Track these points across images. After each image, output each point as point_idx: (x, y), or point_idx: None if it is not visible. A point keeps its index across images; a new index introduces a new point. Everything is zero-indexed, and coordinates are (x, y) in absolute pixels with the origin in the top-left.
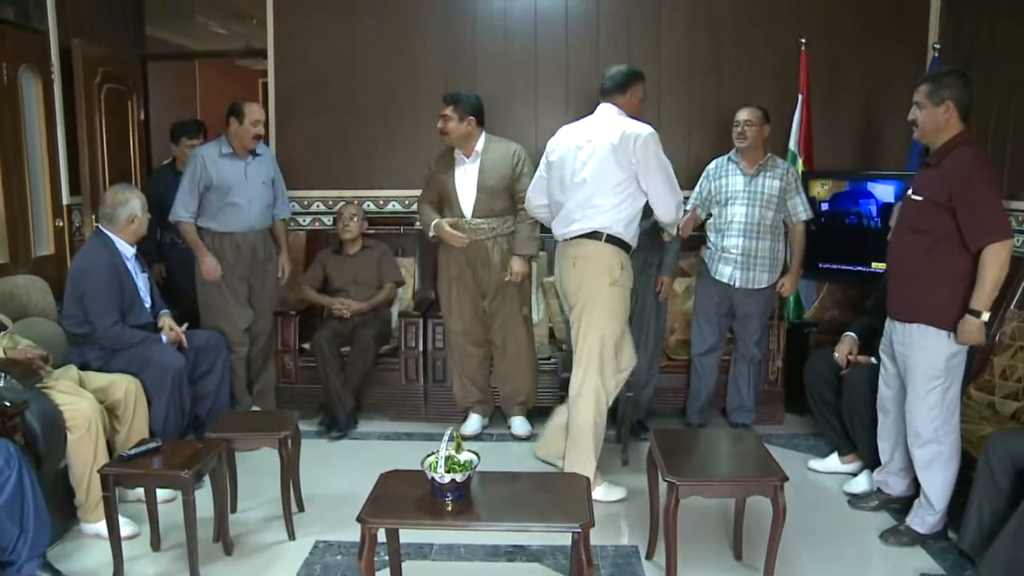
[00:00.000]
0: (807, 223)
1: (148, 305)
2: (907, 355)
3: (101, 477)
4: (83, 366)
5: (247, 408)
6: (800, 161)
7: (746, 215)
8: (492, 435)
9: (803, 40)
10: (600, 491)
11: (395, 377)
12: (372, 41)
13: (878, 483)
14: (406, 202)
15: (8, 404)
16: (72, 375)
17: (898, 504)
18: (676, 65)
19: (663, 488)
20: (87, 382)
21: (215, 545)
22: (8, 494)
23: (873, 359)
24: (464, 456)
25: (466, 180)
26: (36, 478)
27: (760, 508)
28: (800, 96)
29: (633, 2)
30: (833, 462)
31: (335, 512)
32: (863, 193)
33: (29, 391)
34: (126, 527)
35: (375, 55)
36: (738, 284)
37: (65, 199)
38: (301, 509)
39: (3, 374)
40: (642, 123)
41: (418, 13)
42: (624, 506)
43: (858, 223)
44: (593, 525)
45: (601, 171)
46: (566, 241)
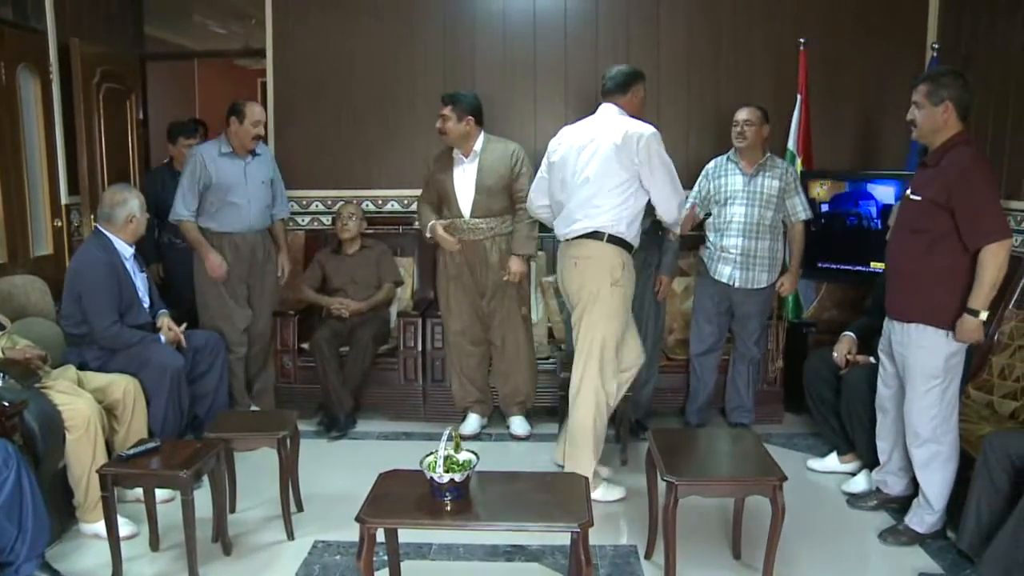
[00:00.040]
0: (806, 223)
1: (146, 305)
2: (906, 355)
3: (100, 477)
4: (82, 366)
5: (246, 408)
6: (799, 161)
7: (745, 215)
8: (491, 435)
9: (802, 40)
10: (599, 491)
11: (394, 377)
12: (371, 41)
13: (877, 482)
14: (405, 202)
15: (7, 404)
16: (71, 375)
17: (897, 504)
18: (675, 65)
19: (662, 488)
20: (86, 382)
21: (214, 545)
22: (7, 494)
23: (872, 359)
24: (463, 456)
25: (464, 180)
26: (35, 478)
27: (759, 508)
28: (799, 96)
29: (632, 2)
30: (832, 462)
31: (334, 512)
32: (863, 194)
33: (28, 391)
34: (125, 527)
35: (374, 55)
36: (737, 284)
37: (63, 199)
38: (300, 509)
39: (2, 374)
40: (644, 123)
41: (417, 13)
42: (623, 506)
43: (858, 224)
44: (592, 525)
45: (604, 171)
46: (568, 241)
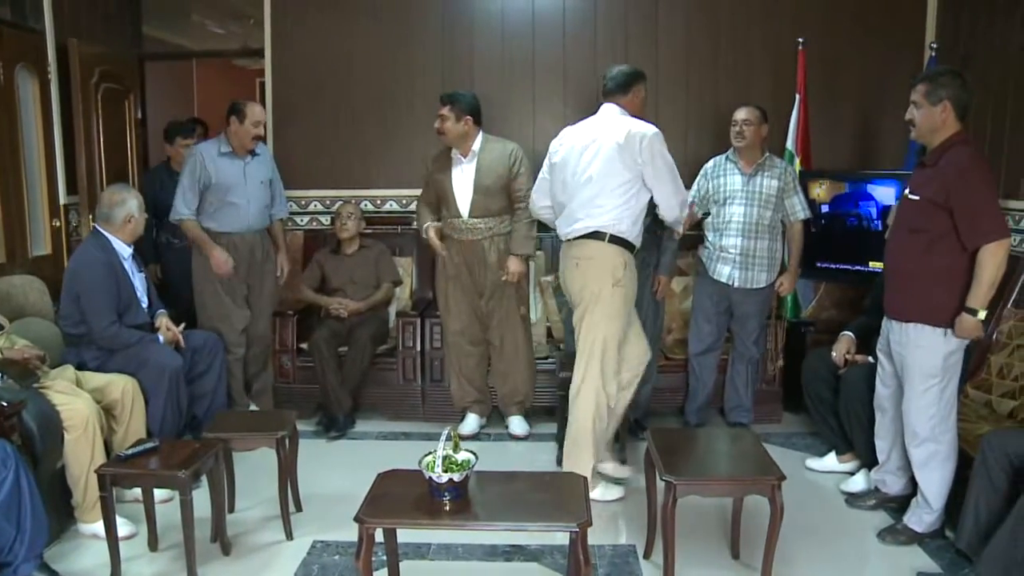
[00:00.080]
0: (805, 223)
1: (145, 305)
2: (904, 354)
3: (98, 477)
4: (80, 366)
5: (244, 408)
6: (797, 160)
7: (744, 215)
8: (490, 435)
9: (800, 40)
10: (598, 491)
11: (393, 377)
12: (370, 41)
13: (875, 482)
14: (403, 202)
15: (5, 404)
16: (69, 375)
17: (895, 503)
18: (674, 64)
19: (661, 487)
20: (84, 382)
21: (213, 545)
22: (5, 494)
23: (870, 358)
24: (462, 456)
25: (463, 180)
26: (33, 478)
27: (758, 507)
28: (797, 95)
29: (630, 1)
30: (831, 461)
31: (333, 512)
32: (863, 195)
33: (26, 391)
34: (123, 527)
35: (372, 55)
36: (736, 284)
37: (62, 199)
38: (299, 509)
39: (0, 374)
40: (647, 123)
41: (415, 13)
42: (622, 505)
43: (858, 225)
44: (591, 524)
45: (607, 170)
46: (569, 242)
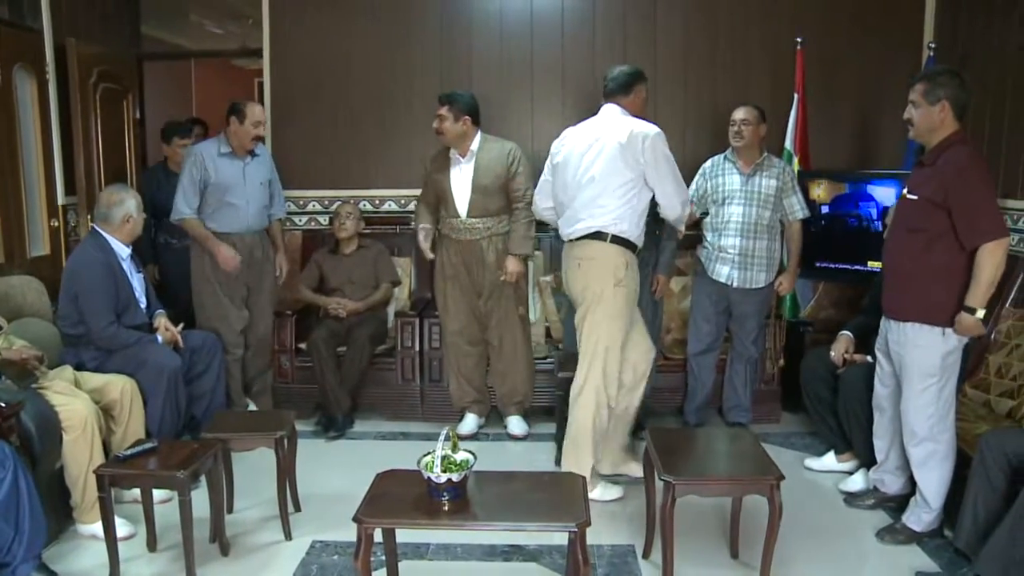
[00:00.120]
0: (804, 223)
1: (143, 305)
2: (902, 353)
3: (97, 478)
4: (79, 367)
5: (243, 409)
6: (796, 160)
7: (743, 215)
8: (488, 435)
9: (799, 39)
10: (597, 490)
11: (391, 377)
12: (368, 41)
13: (874, 481)
14: (402, 202)
15: (3, 405)
16: (68, 376)
17: (894, 502)
18: (672, 64)
19: (660, 487)
20: (83, 383)
21: (211, 545)
22: (3, 495)
23: (869, 358)
24: (460, 456)
25: (461, 180)
26: (31, 479)
27: (756, 507)
28: (796, 95)
29: (629, 1)
30: (829, 461)
31: (331, 512)
32: (863, 196)
33: (24, 392)
34: (122, 528)
35: (371, 55)
36: (736, 284)
37: (60, 199)
38: (298, 509)
39: None
40: (648, 122)
41: (414, 13)
42: (621, 505)
43: (859, 226)
44: (589, 524)
45: (609, 170)
46: (571, 242)
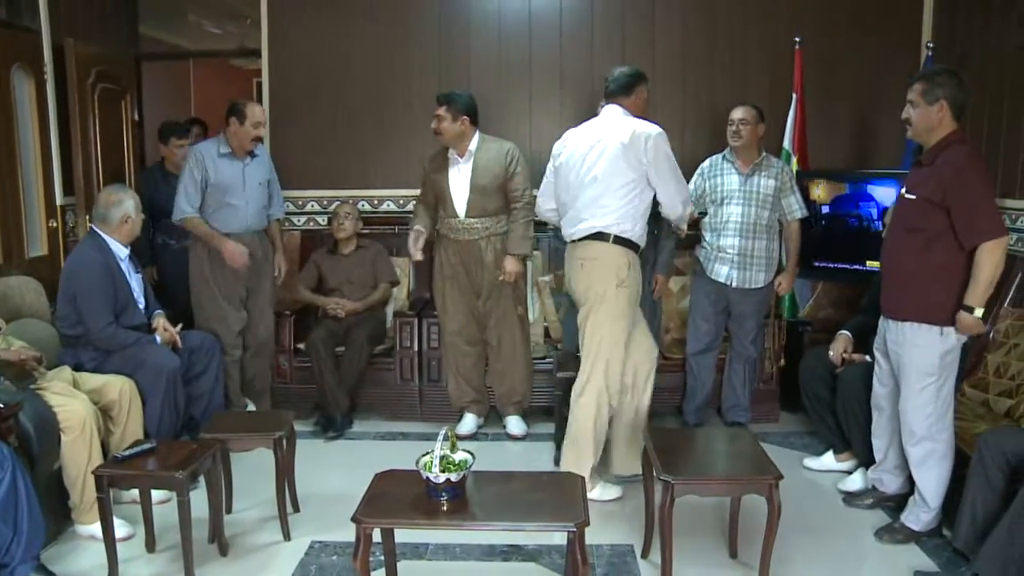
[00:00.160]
0: (803, 222)
1: (142, 306)
2: (901, 353)
3: (95, 478)
4: (77, 367)
5: (242, 409)
6: (794, 160)
7: (742, 215)
8: (487, 435)
9: (797, 39)
10: (596, 490)
11: (390, 377)
12: (366, 41)
13: (873, 481)
14: (401, 202)
15: (2, 406)
16: (66, 376)
17: (893, 502)
18: (670, 63)
19: (659, 487)
20: (81, 383)
21: (210, 546)
22: (2, 496)
23: (868, 357)
24: (459, 456)
25: (459, 180)
26: (30, 480)
27: (755, 506)
28: (794, 95)
29: (627, 1)
30: (828, 460)
31: (330, 512)
32: (863, 196)
33: (23, 393)
34: (121, 529)
35: (369, 55)
36: (735, 284)
37: (58, 200)
38: (296, 509)
39: None
40: (650, 123)
41: (412, 13)
42: (620, 505)
43: (859, 226)
44: (588, 524)
45: (611, 170)
46: (574, 243)
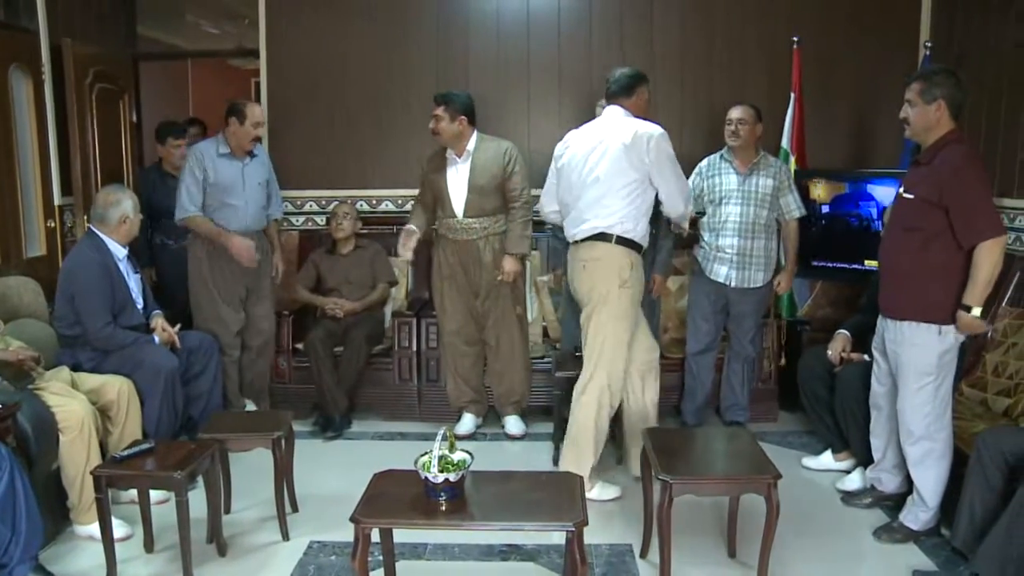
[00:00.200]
0: (803, 222)
1: (140, 306)
2: (899, 352)
3: (94, 479)
4: (75, 367)
5: (240, 409)
6: (793, 159)
7: (741, 215)
8: (486, 435)
9: (795, 38)
10: (595, 490)
11: (389, 377)
12: (365, 41)
13: (871, 480)
14: (399, 202)
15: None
16: (64, 376)
17: (891, 501)
18: (669, 63)
19: (657, 486)
20: (79, 383)
21: (209, 546)
22: (0, 497)
23: (866, 356)
24: (457, 455)
25: (457, 180)
26: (28, 480)
27: (754, 506)
28: (792, 94)
29: (626, 1)
30: (826, 459)
31: (329, 512)
32: (863, 195)
33: (21, 393)
34: (119, 529)
35: (368, 55)
36: (734, 284)
37: (57, 200)
38: (295, 509)
39: None
40: (652, 123)
41: (410, 13)
42: (618, 505)
43: (859, 225)
44: (587, 524)
45: (613, 170)
46: (576, 243)
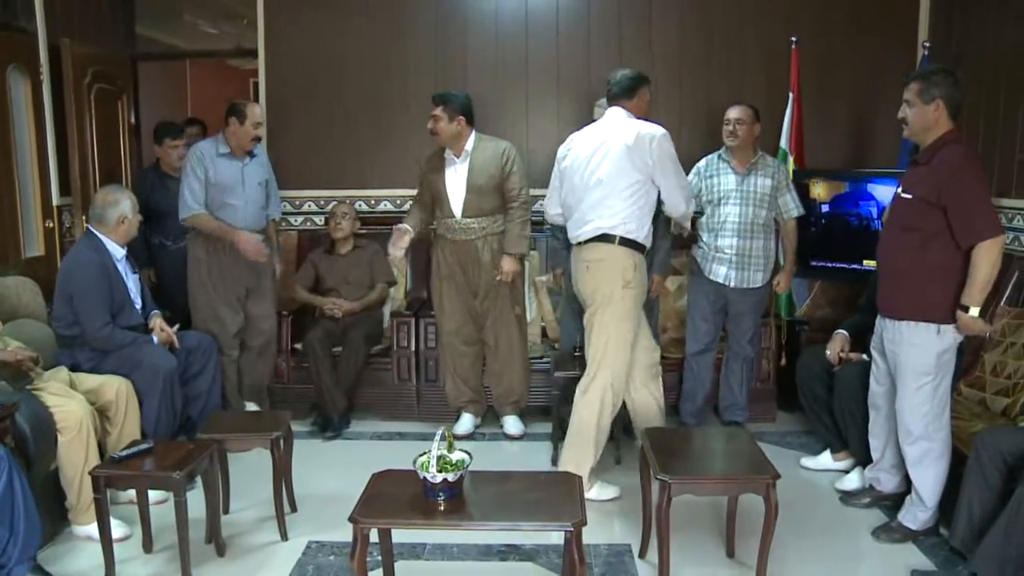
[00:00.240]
0: (801, 221)
1: (139, 306)
2: (897, 352)
3: (92, 479)
4: (74, 367)
5: (239, 409)
6: (791, 159)
7: (740, 215)
8: (484, 434)
9: (794, 39)
10: (593, 490)
11: (387, 377)
12: (363, 40)
13: (870, 480)
14: (398, 202)
15: None
16: (63, 376)
17: (890, 501)
18: (667, 63)
19: (656, 487)
20: (78, 383)
21: (207, 546)
22: None
23: (865, 356)
24: (456, 455)
25: (456, 180)
26: (26, 480)
27: (752, 506)
28: (791, 94)
29: (624, 1)
30: (825, 459)
31: (328, 512)
32: (863, 195)
33: (19, 393)
34: (118, 529)
35: (366, 55)
36: (733, 284)
37: (55, 200)
38: (294, 509)
39: None
40: (654, 124)
41: (409, 12)
42: (617, 505)
43: (859, 225)
44: (585, 524)
45: (616, 172)
46: (580, 245)
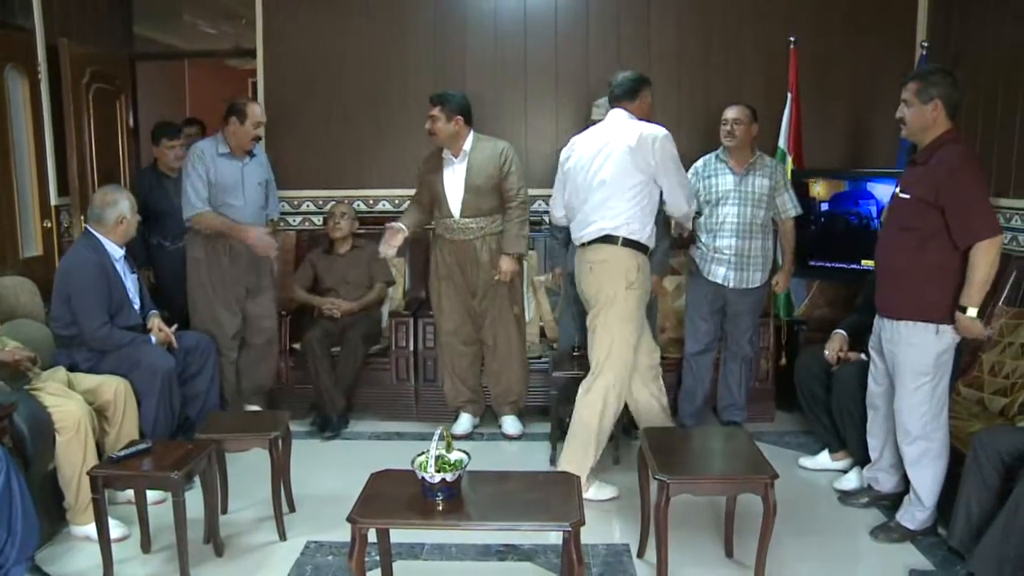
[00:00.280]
0: (800, 221)
1: (137, 306)
2: (895, 352)
3: (90, 479)
4: (72, 368)
5: (238, 409)
6: (790, 159)
7: (738, 215)
8: (483, 434)
9: (792, 39)
10: (591, 490)
11: (386, 377)
12: (362, 41)
13: (868, 480)
14: (396, 202)
15: None
16: (61, 377)
17: (888, 500)
18: (665, 64)
19: (654, 486)
20: (76, 383)
21: (206, 546)
22: None
23: (863, 356)
24: (454, 455)
25: (454, 180)
26: (24, 481)
27: (751, 506)
28: (789, 94)
29: (622, 1)
30: (823, 459)
31: (326, 512)
32: (863, 194)
33: (17, 393)
34: (116, 529)
35: (365, 55)
36: (731, 284)
37: (53, 200)
38: (292, 509)
39: None
40: (656, 125)
41: (408, 13)
42: (615, 505)
43: (858, 224)
44: (584, 524)
45: (619, 173)
46: (583, 246)
